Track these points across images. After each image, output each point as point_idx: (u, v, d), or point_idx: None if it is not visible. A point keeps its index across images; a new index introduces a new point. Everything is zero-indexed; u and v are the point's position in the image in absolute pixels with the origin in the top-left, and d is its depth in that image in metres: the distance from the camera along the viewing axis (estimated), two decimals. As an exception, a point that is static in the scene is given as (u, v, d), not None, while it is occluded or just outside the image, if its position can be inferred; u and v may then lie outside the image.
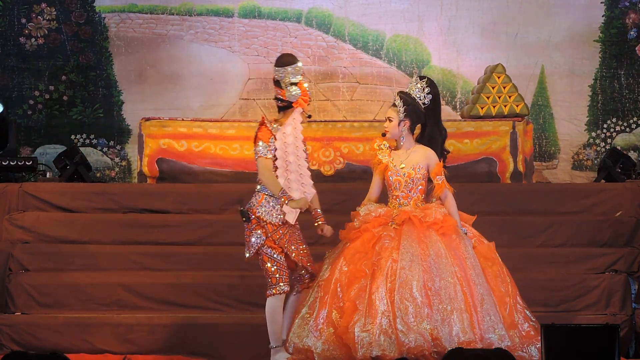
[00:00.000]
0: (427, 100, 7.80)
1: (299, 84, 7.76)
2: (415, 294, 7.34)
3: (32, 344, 8.86)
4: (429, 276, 7.40)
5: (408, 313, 7.30)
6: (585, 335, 6.70)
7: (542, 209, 9.92)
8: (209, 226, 9.77)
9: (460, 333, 7.27)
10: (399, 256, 7.45)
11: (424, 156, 7.75)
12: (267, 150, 7.70)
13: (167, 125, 10.83)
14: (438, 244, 7.52)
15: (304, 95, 7.76)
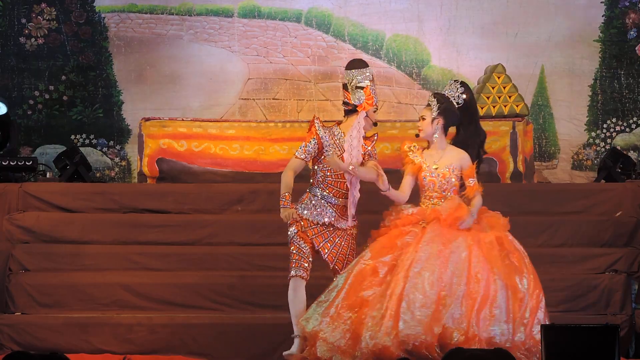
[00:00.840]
0: (460, 100, 7.88)
1: (365, 88, 7.85)
2: (426, 287, 7.38)
3: (32, 344, 8.86)
4: (444, 269, 7.44)
5: (415, 304, 7.33)
6: (585, 335, 6.70)
7: (542, 209, 9.91)
8: (209, 226, 9.77)
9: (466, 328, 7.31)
10: (418, 250, 7.52)
11: (457, 157, 7.83)
12: (302, 151, 7.84)
13: (167, 125, 10.83)
14: (460, 242, 7.57)
15: (367, 99, 7.86)
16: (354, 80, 7.92)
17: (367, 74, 7.94)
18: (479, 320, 7.36)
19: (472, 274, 7.47)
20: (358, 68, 7.96)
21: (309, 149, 7.87)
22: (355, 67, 7.98)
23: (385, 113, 12.08)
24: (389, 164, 9.24)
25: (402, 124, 10.90)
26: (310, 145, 7.88)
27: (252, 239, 9.71)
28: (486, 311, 7.39)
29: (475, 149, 7.89)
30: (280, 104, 12.29)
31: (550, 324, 7.01)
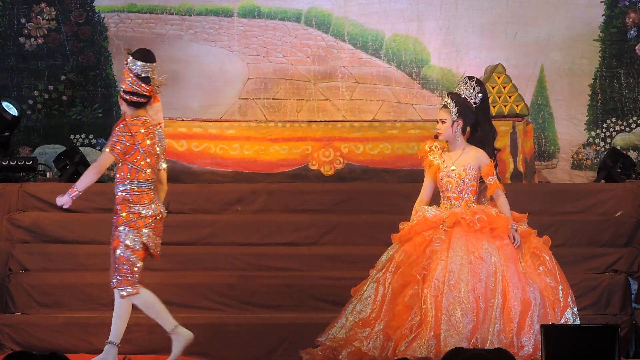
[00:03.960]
0: (477, 100, 7.87)
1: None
2: (463, 297, 7.37)
3: (32, 344, 8.86)
4: (477, 280, 7.42)
5: (455, 316, 7.32)
6: (585, 335, 6.70)
7: (542, 209, 9.92)
8: (209, 226, 9.77)
9: (496, 340, 7.29)
10: (449, 259, 7.48)
11: (474, 157, 7.79)
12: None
13: (167, 125, 10.78)
14: (487, 248, 7.54)
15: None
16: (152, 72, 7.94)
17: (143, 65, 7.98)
18: (519, 331, 7.35)
19: (506, 281, 7.45)
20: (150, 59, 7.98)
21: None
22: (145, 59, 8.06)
23: (384, 113, 12.08)
24: (389, 163, 9.28)
25: (402, 124, 10.90)
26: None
27: (252, 239, 9.71)
28: (527, 320, 7.39)
29: (491, 147, 7.88)
30: (280, 104, 12.29)
31: (550, 324, 7.01)
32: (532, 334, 7.36)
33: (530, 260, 7.63)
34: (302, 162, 10.71)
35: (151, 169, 7.85)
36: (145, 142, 7.85)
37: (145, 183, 7.86)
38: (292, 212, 10.10)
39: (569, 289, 7.67)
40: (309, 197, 10.17)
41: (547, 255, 7.78)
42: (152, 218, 7.83)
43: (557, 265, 7.77)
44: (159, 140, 7.87)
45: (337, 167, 10.69)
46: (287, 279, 9.18)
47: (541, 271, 7.62)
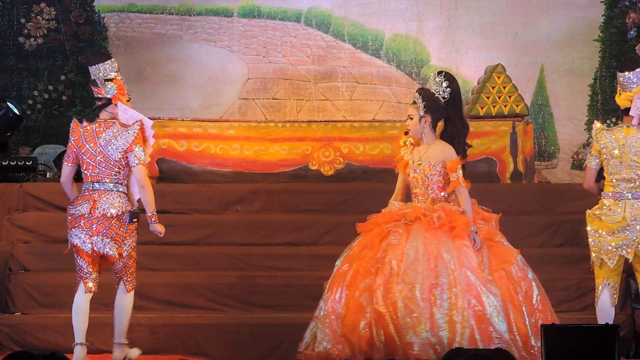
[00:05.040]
0: (446, 95, 7.78)
1: (114, 79, 7.84)
2: (417, 295, 7.28)
3: (32, 344, 8.85)
4: (432, 277, 7.35)
5: (409, 314, 7.26)
6: (585, 335, 6.70)
7: (542, 209, 9.92)
8: (209, 226, 9.77)
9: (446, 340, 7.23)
10: (404, 254, 7.41)
11: (440, 152, 7.71)
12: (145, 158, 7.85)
13: (167, 125, 10.82)
14: (445, 245, 7.46)
15: (119, 90, 7.84)
16: (103, 74, 7.88)
17: (113, 65, 7.93)
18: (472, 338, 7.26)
19: (457, 284, 7.33)
20: (104, 61, 7.89)
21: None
22: (99, 61, 7.89)
23: (384, 113, 12.09)
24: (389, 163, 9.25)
25: (402, 124, 10.85)
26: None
27: (252, 239, 9.71)
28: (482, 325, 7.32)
29: (461, 143, 7.81)
30: (280, 104, 12.29)
31: (550, 324, 7.01)
32: (491, 340, 7.24)
33: (492, 263, 7.49)
34: (302, 162, 10.71)
35: (94, 170, 7.80)
36: (83, 145, 7.82)
37: (85, 184, 7.86)
38: (292, 212, 10.10)
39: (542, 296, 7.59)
40: (309, 197, 10.17)
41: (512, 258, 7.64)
42: (82, 218, 7.77)
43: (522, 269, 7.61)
44: (112, 140, 7.76)
45: (337, 167, 10.69)
46: (287, 279, 9.18)
47: (503, 275, 7.46)
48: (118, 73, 7.91)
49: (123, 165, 7.76)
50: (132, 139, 7.74)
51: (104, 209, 7.73)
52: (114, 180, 7.78)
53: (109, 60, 7.92)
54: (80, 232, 7.76)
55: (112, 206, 7.74)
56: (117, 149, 7.73)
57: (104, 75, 7.84)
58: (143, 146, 7.78)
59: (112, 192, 7.77)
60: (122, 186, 7.82)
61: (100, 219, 7.73)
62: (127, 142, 7.73)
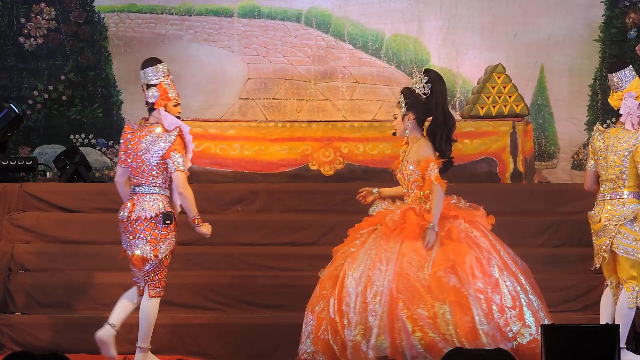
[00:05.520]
0: (427, 90, 7.72)
1: (158, 85, 7.87)
2: (351, 302, 7.30)
3: (32, 344, 8.85)
4: (370, 282, 7.33)
5: (349, 321, 7.29)
6: (585, 335, 6.69)
7: (542, 209, 9.92)
8: (208, 226, 9.76)
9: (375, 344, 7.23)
10: (354, 263, 7.43)
11: (415, 151, 7.66)
12: (182, 162, 7.89)
13: (167, 125, 10.82)
14: (391, 249, 7.42)
15: (162, 96, 7.87)
16: (146, 79, 7.94)
17: (159, 70, 7.97)
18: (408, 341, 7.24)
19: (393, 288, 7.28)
20: (150, 66, 7.96)
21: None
22: (147, 65, 8.00)
23: (384, 113, 12.09)
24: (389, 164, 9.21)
25: (402, 124, 10.89)
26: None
27: (252, 239, 9.71)
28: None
29: (443, 138, 7.67)
30: (280, 104, 12.29)
31: (550, 324, 7.01)
32: (434, 343, 7.17)
33: (437, 262, 7.36)
34: (302, 162, 10.71)
35: (136, 174, 7.88)
36: (128, 148, 7.92)
37: (131, 188, 7.97)
38: (292, 212, 10.10)
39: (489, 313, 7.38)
40: (309, 197, 10.17)
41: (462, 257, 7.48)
42: (123, 222, 7.87)
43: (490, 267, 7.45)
44: (151, 144, 7.81)
45: (337, 167, 10.69)
46: (287, 279, 9.18)
47: (441, 275, 7.30)
48: (166, 77, 7.94)
49: (161, 170, 7.84)
50: (169, 145, 7.80)
51: (139, 212, 7.83)
52: (152, 183, 7.86)
53: (154, 66, 8.01)
54: (124, 237, 7.90)
55: (146, 209, 7.83)
56: (155, 154, 7.82)
57: (146, 80, 7.97)
58: (182, 153, 7.85)
59: (150, 195, 7.86)
60: (162, 189, 7.89)
61: (135, 222, 7.82)
62: (164, 148, 7.81)
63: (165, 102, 7.92)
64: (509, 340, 7.23)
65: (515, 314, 7.31)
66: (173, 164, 7.77)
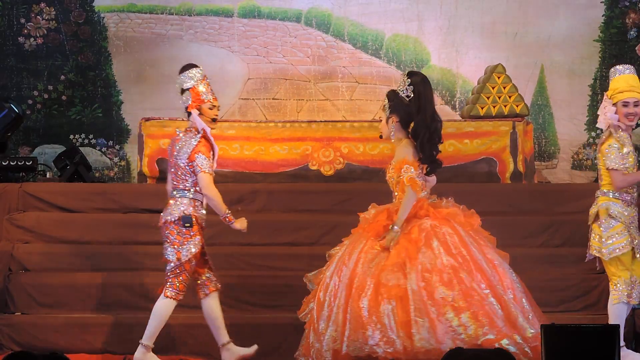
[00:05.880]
0: (409, 92, 7.70)
1: (191, 89, 7.96)
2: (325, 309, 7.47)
3: (32, 344, 8.85)
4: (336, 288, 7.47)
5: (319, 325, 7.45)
6: (585, 335, 6.69)
7: (542, 209, 9.92)
8: (209, 226, 9.69)
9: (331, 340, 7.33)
10: (331, 266, 7.60)
11: (395, 153, 7.71)
12: (209, 166, 7.99)
13: (168, 126, 10.82)
14: (355, 249, 7.52)
15: (194, 99, 7.97)
16: (180, 85, 8.06)
17: (192, 75, 8.04)
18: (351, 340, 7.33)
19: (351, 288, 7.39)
20: (184, 71, 8.09)
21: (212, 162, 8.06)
22: (181, 71, 8.12)
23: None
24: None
25: (402, 124, 10.88)
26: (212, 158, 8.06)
27: (252, 239, 9.70)
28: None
29: (426, 140, 7.65)
30: (280, 104, 12.29)
31: (550, 324, 7.00)
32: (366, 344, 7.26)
33: (383, 262, 7.43)
34: (302, 162, 10.71)
35: (173, 179, 8.07)
36: (169, 153, 8.18)
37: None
38: (292, 212, 10.10)
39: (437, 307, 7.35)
40: (309, 197, 10.17)
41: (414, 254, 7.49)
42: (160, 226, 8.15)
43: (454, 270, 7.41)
44: (182, 147, 7.97)
45: (337, 167, 10.69)
46: (287, 279, 9.17)
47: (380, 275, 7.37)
48: (199, 82, 8.03)
49: (189, 173, 7.97)
50: (193, 148, 7.93)
51: (166, 216, 8.01)
52: (183, 187, 8.00)
53: (187, 71, 8.11)
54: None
55: (172, 212, 7.99)
56: (183, 157, 7.97)
57: (180, 85, 8.08)
58: (207, 155, 7.95)
59: (180, 198, 8.01)
60: (192, 192, 8.02)
61: (164, 225, 8.01)
62: (189, 151, 7.94)
63: (199, 105, 8.03)
64: (455, 338, 7.24)
65: (468, 315, 7.27)
66: (197, 165, 7.91)
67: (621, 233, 8.00)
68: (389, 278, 7.29)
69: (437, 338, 7.16)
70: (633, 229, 8.02)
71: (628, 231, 8.00)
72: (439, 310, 7.22)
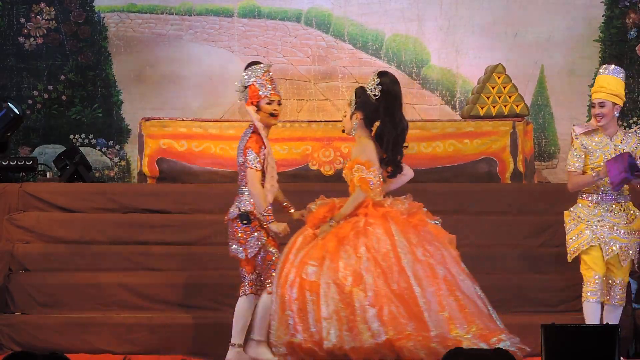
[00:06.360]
0: (377, 92, 7.69)
1: (250, 86, 7.97)
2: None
3: (32, 344, 8.85)
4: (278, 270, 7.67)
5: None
6: (585, 335, 6.70)
7: (542, 209, 9.91)
8: (209, 226, 9.76)
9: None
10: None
11: (352, 150, 7.77)
12: (258, 162, 7.96)
13: (167, 125, 10.83)
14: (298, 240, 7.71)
15: (251, 96, 7.98)
16: (243, 83, 8.09)
17: (252, 71, 8.05)
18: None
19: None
20: (246, 69, 8.14)
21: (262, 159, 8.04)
22: (245, 69, 8.16)
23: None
24: (389, 163, 9.27)
25: (402, 124, 10.87)
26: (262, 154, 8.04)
27: (252, 239, 9.69)
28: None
29: (390, 142, 7.69)
30: (280, 104, 12.28)
31: (550, 324, 7.00)
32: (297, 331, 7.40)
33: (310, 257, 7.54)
34: (302, 162, 10.71)
35: (239, 174, 8.16)
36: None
37: None
38: (292, 212, 10.09)
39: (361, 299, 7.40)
40: (309, 197, 10.13)
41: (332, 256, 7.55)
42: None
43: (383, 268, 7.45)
44: (239, 146, 8.06)
45: (337, 167, 10.68)
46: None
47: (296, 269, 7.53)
48: (259, 77, 8.07)
49: (244, 169, 8.03)
50: (244, 144, 8.00)
51: (230, 214, 8.15)
52: (243, 183, 8.08)
53: (250, 67, 8.14)
54: None
55: (232, 209, 8.12)
56: (239, 153, 8.07)
57: (243, 83, 8.10)
58: (257, 151, 7.95)
59: (239, 195, 8.13)
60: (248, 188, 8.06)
61: (228, 222, 8.16)
62: (242, 147, 8.02)
63: (257, 101, 8.03)
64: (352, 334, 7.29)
65: (374, 313, 7.29)
66: (246, 161, 7.95)
67: (581, 234, 8.16)
68: (307, 271, 7.41)
69: (341, 335, 7.24)
70: (603, 229, 8.09)
71: (591, 230, 8.08)
72: (348, 307, 7.29)
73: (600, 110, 8.22)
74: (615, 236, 8.12)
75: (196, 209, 9.99)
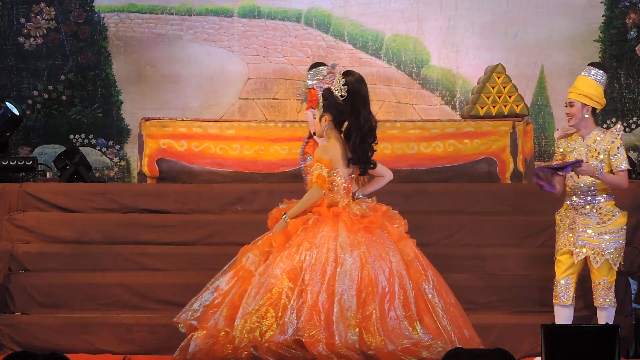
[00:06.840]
0: (343, 92, 7.68)
1: (310, 89, 7.98)
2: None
3: (32, 344, 8.85)
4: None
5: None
6: (585, 335, 6.70)
7: (542, 209, 9.90)
8: (209, 226, 9.76)
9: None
10: None
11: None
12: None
13: (167, 125, 10.83)
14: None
15: (310, 99, 7.95)
16: (305, 85, 8.08)
17: (314, 73, 8.03)
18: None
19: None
20: (309, 70, 8.10)
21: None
22: (308, 70, 8.11)
23: (384, 113, 12.08)
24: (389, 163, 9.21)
25: (402, 124, 10.89)
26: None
27: (252, 239, 9.66)
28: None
29: (357, 141, 7.68)
30: (280, 104, 12.29)
31: (550, 324, 7.01)
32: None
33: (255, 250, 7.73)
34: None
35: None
36: None
37: None
38: (292, 212, 10.08)
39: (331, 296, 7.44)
40: (309, 197, 10.14)
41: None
42: None
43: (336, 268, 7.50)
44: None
45: (337, 167, 10.67)
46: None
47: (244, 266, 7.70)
48: (320, 80, 8.08)
49: (306, 174, 8.13)
50: (303, 150, 8.14)
51: None
52: (307, 188, 8.04)
53: (312, 70, 8.18)
54: None
55: None
56: (300, 158, 8.23)
57: (306, 87, 8.16)
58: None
59: None
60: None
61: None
62: (301, 152, 8.21)
63: (315, 106, 7.98)
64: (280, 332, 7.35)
65: (296, 313, 7.34)
66: (305, 167, 8.08)
67: (556, 238, 8.33)
68: (249, 263, 7.63)
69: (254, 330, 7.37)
70: (573, 232, 8.14)
71: (563, 235, 8.21)
72: (272, 302, 7.40)
73: (569, 109, 8.41)
74: (586, 238, 8.17)
75: (196, 209, 9.99)
